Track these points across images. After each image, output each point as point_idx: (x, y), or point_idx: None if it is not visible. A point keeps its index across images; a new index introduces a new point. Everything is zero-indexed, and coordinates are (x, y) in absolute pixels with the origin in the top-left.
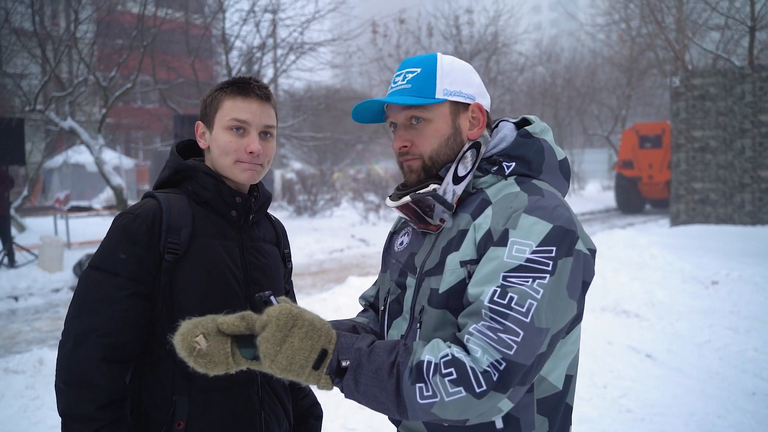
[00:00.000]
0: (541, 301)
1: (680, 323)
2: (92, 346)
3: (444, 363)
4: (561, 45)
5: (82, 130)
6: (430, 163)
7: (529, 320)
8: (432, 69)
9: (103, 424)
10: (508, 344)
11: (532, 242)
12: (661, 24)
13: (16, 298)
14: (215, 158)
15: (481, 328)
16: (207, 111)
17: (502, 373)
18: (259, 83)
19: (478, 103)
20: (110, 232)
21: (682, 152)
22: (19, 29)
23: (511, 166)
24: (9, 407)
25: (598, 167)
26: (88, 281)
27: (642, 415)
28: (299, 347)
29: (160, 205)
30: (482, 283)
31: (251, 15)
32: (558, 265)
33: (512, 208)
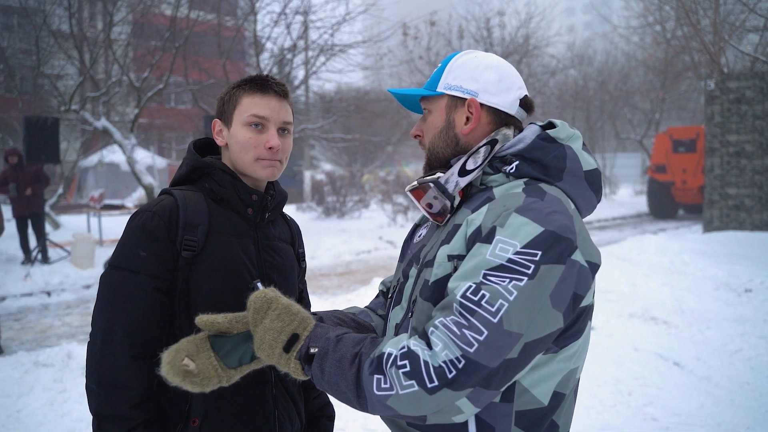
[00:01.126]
0: (513, 303)
1: (711, 331)
2: (120, 346)
3: (400, 355)
4: (594, 48)
5: (115, 130)
6: (429, 154)
7: (497, 321)
8: (445, 64)
9: (137, 423)
10: (469, 341)
11: (517, 243)
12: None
13: (48, 293)
14: (234, 155)
15: (447, 321)
16: (225, 108)
17: (458, 371)
18: (276, 80)
19: (473, 99)
20: (128, 230)
21: (716, 157)
22: (57, 31)
23: (516, 163)
24: (37, 399)
25: (631, 171)
26: (110, 280)
27: (667, 424)
28: (269, 327)
29: (176, 201)
30: (461, 278)
31: (282, 17)
32: (540, 270)
33: (505, 207)
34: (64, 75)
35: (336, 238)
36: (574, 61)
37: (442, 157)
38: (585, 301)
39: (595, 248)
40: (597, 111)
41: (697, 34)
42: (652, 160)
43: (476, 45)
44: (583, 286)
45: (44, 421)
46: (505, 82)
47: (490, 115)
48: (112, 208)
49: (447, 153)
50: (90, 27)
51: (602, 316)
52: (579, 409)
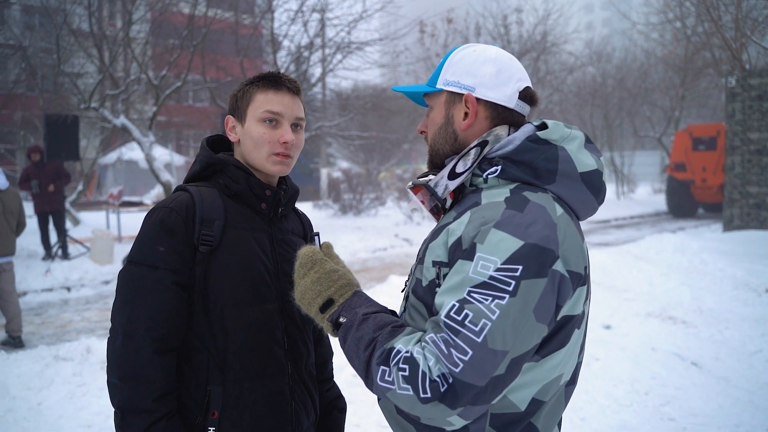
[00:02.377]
0: (496, 322)
1: (729, 331)
2: (142, 340)
3: (404, 358)
4: (613, 45)
5: (134, 128)
6: (431, 151)
7: (481, 340)
8: (445, 59)
9: (160, 416)
10: (455, 362)
11: (497, 259)
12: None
13: (68, 288)
14: (248, 151)
15: (436, 338)
16: (238, 104)
17: (448, 389)
18: (289, 77)
19: (469, 94)
20: (146, 227)
21: (737, 155)
22: (77, 30)
23: (498, 170)
24: (57, 393)
25: (649, 170)
26: (129, 276)
27: (685, 425)
28: (309, 287)
29: (192, 197)
30: (446, 293)
31: (299, 15)
32: (522, 286)
33: (484, 219)
34: (84, 73)
35: (352, 235)
36: (592, 58)
37: (443, 153)
38: (566, 310)
39: (582, 257)
40: (615, 109)
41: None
42: (671, 158)
43: (493, 42)
44: (562, 296)
45: (64, 414)
46: (503, 75)
47: (488, 110)
48: (130, 205)
49: (446, 149)
50: (109, 26)
51: (619, 315)
52: (595, 407)
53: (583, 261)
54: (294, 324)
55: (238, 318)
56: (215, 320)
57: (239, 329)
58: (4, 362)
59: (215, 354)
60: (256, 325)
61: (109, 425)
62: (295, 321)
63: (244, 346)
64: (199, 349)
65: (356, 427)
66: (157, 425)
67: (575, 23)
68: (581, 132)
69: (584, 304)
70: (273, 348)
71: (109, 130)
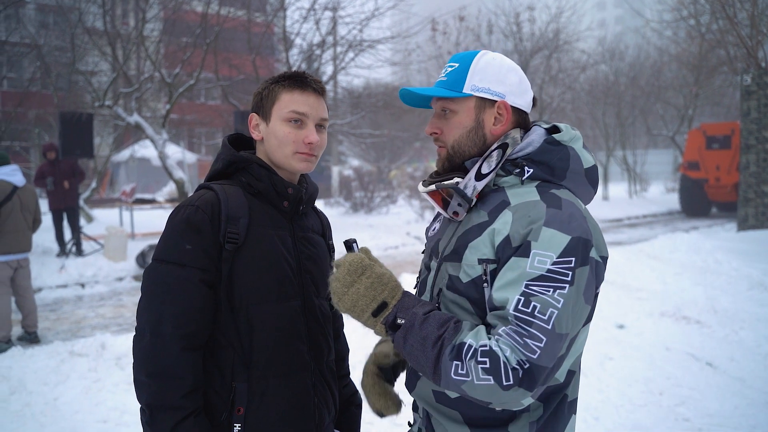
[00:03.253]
0: (562, 309)
1: (745, 332)
2: (170, 337)
3: (481, 351)
4: (626, 42)
5: (147, 125)
6: (452, 152)
7: (551, 327)
8: (467, 65)
9: (188, 413)
10: (533, 349)
11: (552, 254)
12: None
13: (82, 285)
14: (272, 149)
15: (509, 331)
16: (263, 103)
17: (526, 373)
18: (314, 77)
19: (504, 101)
20: (172, 225)
21: (752, 153)
22: (92, 29)
23: (530, 171)
24: (72, 388)
25: (662, 168)
26: (156, 274)
27: (700, 425)
28: (363, 294)
29: (217, 195)
30: (507, 289)
31: (311, 13)
32: (576, 275)
33: (530, 218)
34: (98, 71)
35: (364, 233)
36: (605, 56)
37: (468, 155)
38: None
39: (604, 241)
40: (628, 107)
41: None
42: (684, 156)
43: (506, 40)
44: (599, 279)
45: (80, 409)
46: (524, 83)
47: (515, 115)
48: (143, 202)
49: (473, 152)
50: (123, 24)
51: (632, 315)
52: (609, 407)
53: (605, 245)
54: (316, 320)
55: (263, 315)
56: (241, 317)
57: (264, 326)
58: (20, 357)
59: (240, 351)
60: (280, 321)
61: (125, 420)
62: (316, 317)
63: (269, 343)
64: (224, 345)
65: (370, 425)
66: (185, 422)
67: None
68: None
69: None
70: (297, 344)
71: (122, 128)
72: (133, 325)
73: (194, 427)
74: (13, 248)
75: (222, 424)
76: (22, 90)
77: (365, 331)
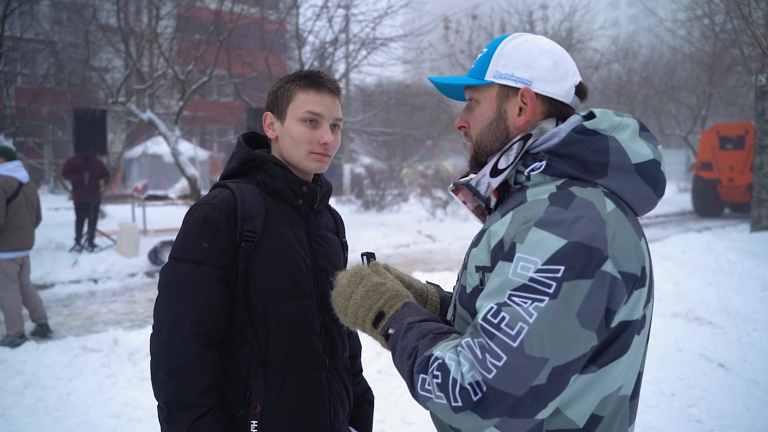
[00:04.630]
0: (534, 326)
1: (757, 333)
2: (188, 335)
3: (437, 365)
4: (639, 42)
5: (160, 122)
6: (477, 148)
7: (517, 345)
8: (492, 50)
9: (206, 410)
10: (488, 367)
11: (537, 259)
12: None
13: (95, 280)
14: (286, 148)
15: (472, 343)
16: (278, 102)
17: (481, 397)
18: (329, 77)
19: (527, 88)
20: (189, 223)
21: (766, 154)
22: (105, 25)
23: (541, 166)
24: (86, 383)
25: (675, 168)
26: (174, 273)
27: (712, 427)
28: (360, 304)
29: (233, 194)
30: (486, 297)
31: (324, 10)
32: (563, 288)
33: (525, 218)
34: (112, 68)
35: (375, 231)
36: (618, 55)
37: (491, 150)
38: (623, 315)
39: (637, 256)
40: (641, 106)
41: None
42: (697, 157)
43: None
44: (615, 300)
45: (93, 404)
46: (560, 68)
47: (545, 105)
48: (155, 199)
49: (496, 146)
50: (136, 21)
51: None
52: None
53: (639, 260)
54: (331, 318)
55: (279, 312)
56: (257, 315)
57: (281, 323)
58: (34, 352)
59: (257, 348)
60: (296, 319)
61: (137, 416)
62: (331, 315)
63: (286, 340)
64: (240, 343)
65: (381, 423)
66: (203, 419)
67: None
68: (634, 120)
69: (645, 307)
70: (313, 341)
71: (135, 125)
72: (146, 320)
73: (212, 424)
74: (20, 245)
75: (238, 422)
76: (36, 86)
77: None
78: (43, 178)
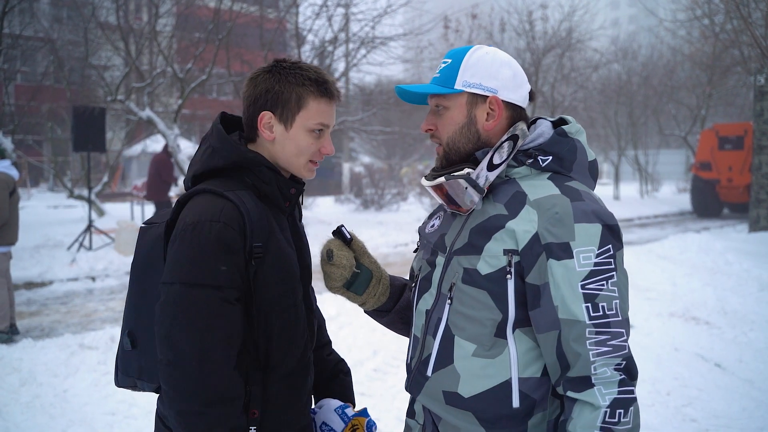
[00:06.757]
0: (619, 296)
1: (754, 333)
2: (219, 362)
3: (608, 413)
4: (639, 42)
5: (159, 120)
6: (447, 149)
7: (622, 317)
8: (459, 61)
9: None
10: (622, 345)
11: (593, 247)
12: (747, 19)
13: (93, 278)
14: (286, 155)
15: (594, 348)
16: (283, 105)
17: (624, 369)
18: (335, 81)
19: (495, 97)
20: (199, 244)
21: (764, 154)
22: (105, 23)
23: (547, 160)
24: (82, 380)
25: (674, 169)
26: (191, 299)
27: (707, 426)
28: None
29: (238, 208)
30: (566, 299)
31: (324, 9)
32: (617, 258)
33: (558, 216)
34: (111, 66)
35: (374, 230)
36: (617, 55)
37: (463, 152)
38: None
39: None
40: (640, 106)
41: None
42: (696, 157)
43: (518, 38)
44: None
45: (89, 401)
46: (518, 77)
47: (509, 110)
48: None
49: (468, 148)
50: (136, 19)
51: (641, 315)
52: None
53: None
54: (311, 311)
55: (280, 321)
56: (259, 325)
57: (281, 332)
58: (31, 350)
59: (256, 356)
60: (293, 325)
61: (133, 413)
62: (311, 308)
63: (285, 347)
64: (240, 351)
65: (377, 421)
66: None
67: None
68: None
69: None
70: (303, 342)
71: (134, 123)
72: None
73: None
74: (13, 239)
75: None
76: (35, 84)
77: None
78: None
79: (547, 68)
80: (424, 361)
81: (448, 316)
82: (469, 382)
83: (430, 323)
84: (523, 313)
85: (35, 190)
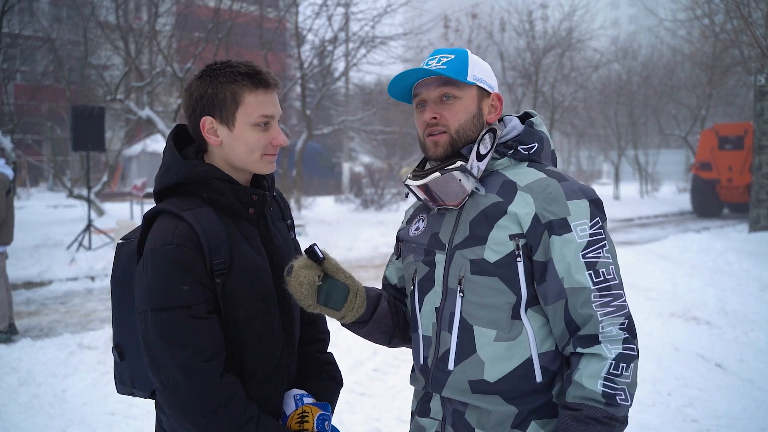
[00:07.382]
0: (613, 261)
1: (755, 333)
2: (205, 373)
3: (613, 365)
4: (639, 41)
5: (159, 120)
6: (456, 137)
7: (618, 280)
8: (464, 57)
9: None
10: (622, 305)
11: (586, 219)
12: (747, 19)
13: (92, 278)
14: (238, 155)
15: (600, 309)
16: (219, 106)
17: (627, 328)
18: (269, 71)
19: (497, 93)
20: (156, 269)
21: (765, 154)
22: (104, 23)
23: (531, 149)
24: (82, 380)
25: (674, 168)
26: (163, 324)
27: (708, 426)
28: None
29: (192, 227)
30: (571, 269)
31: (324, 9)
32: (605, 229)
33: (552, 196)
34: (110, 65)
35: (374, 230)
36: (617, 55)
37: (469, 139)
38: None
39: None
40: (640, 106)
41: (747, 27)
42: (696, 157)
43: (518, 38)
44: None
45: (88, 401)
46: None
47: (501, 107)
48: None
49: (473, 137)
50: (135, 18)
51: (642, 315)
52: None
53: None
54: (287, 313)
55: (251, 329)
56: (230, 334)
57: (254, 340)
58: (30, 349)
59: (230, 363)
60: (267, 332)
61: (132, 413)
62: (288, 312)
63: (257, 353)
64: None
65: (376, 421)
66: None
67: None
68: None
69: None
70: (277, 346)
71: (134, 122)
72: None
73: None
74: (9, 239)
75: None
76: (34, 83)
77: None
78: (41, 176)
79: (547, 68)
80: (443, 357)
81: (461, 309)
82: (494, 366)
83: (442, 320)
84: (533, 291)
85: (35, 190)
